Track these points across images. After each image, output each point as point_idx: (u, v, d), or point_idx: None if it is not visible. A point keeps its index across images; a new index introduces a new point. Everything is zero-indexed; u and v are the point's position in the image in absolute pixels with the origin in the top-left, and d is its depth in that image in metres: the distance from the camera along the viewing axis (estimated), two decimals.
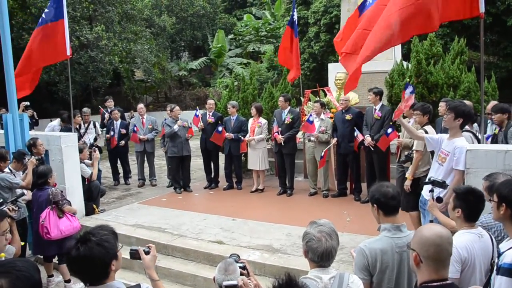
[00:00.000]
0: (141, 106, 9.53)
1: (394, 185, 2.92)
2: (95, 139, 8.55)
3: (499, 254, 2.32)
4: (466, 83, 7.44)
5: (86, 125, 8.93)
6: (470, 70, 7.87)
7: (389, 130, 6.56)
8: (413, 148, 5.33)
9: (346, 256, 4.91)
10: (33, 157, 5.62)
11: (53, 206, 5.03)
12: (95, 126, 9.12)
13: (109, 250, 2.06)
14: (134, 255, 2.51)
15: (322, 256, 2.31)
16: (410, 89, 4.69)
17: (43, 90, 16.49)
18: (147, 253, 2.49)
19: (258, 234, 5.91)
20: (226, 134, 8.12)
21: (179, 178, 8.59)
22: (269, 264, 5.01)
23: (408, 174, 5.45)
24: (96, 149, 7.05)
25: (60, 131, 8.20)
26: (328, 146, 7.43)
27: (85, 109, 9.17)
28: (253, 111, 8.08)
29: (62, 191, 5.51)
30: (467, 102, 5.82)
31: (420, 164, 5.31)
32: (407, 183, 5.36)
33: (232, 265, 2.50)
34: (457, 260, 2.56)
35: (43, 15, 7.17)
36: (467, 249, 2.60)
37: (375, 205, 2.76)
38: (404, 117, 5.40)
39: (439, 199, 3.58)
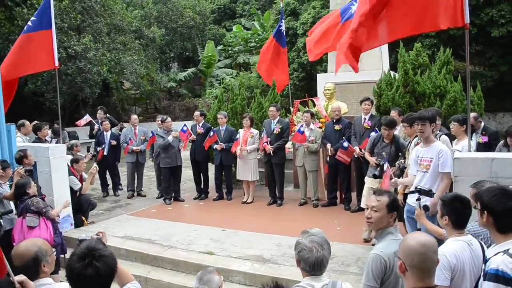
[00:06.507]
0: (135, 117, 9.48)
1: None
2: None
3: (486, 260, 2.35)
4: (452, 93, 7.55)
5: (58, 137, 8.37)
6: (456, 79, 7.97)
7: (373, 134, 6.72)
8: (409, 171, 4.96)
9: (337, 265, 4.92)
10: (21, 167, 5.53)
11: (26, 214, 4.78)
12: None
13: (113, 265, 2.07)
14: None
15: (313, 266, 2.34)
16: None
17: (30, 101, 16.28)
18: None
19: (248, 245, 5.88)
20: (218, 144, 8.10)
21: (172, 189, 8.55)
22: (260, 274, 4.98)
23: (400, 188, 5.16)
24: (95, 164, 6.88)
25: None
26: (327, 156, 7.46)
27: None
28: (247, 122, 8.09)
29: (42, 198, 5.22)
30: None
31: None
32: (400, 198, 5.03)
33: (208, 275, 2.56)
34: (447, 268, 2.56)
35: (29, 23, 7.12)
36: (456, 256, 2.61)
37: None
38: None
39: (426, 207, 3.62)
